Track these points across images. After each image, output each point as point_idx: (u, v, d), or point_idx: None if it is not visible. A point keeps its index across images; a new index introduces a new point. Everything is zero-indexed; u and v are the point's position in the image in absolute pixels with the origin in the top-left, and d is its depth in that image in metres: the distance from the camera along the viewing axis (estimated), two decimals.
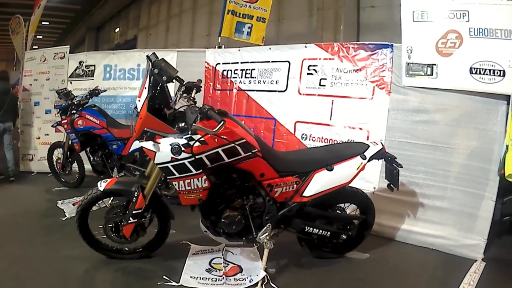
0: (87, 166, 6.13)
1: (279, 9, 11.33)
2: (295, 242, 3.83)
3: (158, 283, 3.35)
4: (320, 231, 3.57)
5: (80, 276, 3.55)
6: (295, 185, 3.41)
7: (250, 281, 3.41)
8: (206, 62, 6.21)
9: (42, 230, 4.62)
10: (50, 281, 3.44)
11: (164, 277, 3.42)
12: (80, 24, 28.78)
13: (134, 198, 3.42)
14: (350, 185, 3.54)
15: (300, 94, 5.07)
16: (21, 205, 5.61)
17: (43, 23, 23.32)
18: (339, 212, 3.76)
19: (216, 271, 3.60)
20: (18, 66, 10.35)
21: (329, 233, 3.61)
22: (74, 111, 5.75)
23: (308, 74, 4.99)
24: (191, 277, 3.47)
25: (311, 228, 3.54)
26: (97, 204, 3.75)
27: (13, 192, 6.39)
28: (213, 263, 3.73)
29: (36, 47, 9.98)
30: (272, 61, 5.38)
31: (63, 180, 6.56)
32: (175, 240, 4.05)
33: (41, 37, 29.35)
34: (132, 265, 3.71)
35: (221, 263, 3.73)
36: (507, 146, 3.42)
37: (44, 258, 3.86)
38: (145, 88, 3.23)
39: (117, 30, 24.42)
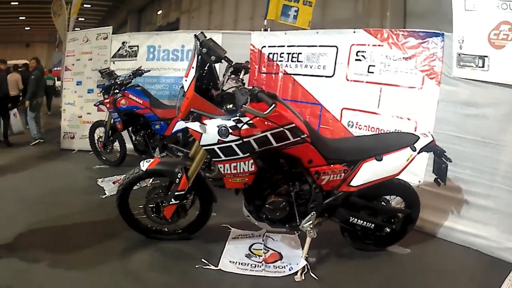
0: (129, 145, 6.19)
1: None
2: (337, 232, 3.73)
3: (196, 266, 3.33)
4: (364, 222, 3.46)
5: (118, 254, 3.57)
6: (342, 174, 3.30)
7: (289, 269, 3.35)
8: (251, 44, 6.11)
9: (82, 207, 4.69)
10: (89, 258, 3.48)
11: (203, 260, 3.40)
12: (122, 7, 29.22)
13: (177, 180, 3.40)
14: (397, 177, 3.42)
15: (347, 80, 4.92)
16: (61, 182, 5.72)
17: (85, 5, 23.78)
18: (384, 204, 3.63)
19: (256, 256, 3.56)
20: (61, 47, 10.53)
21: (373, 225, 3.50)
22: (117, 91, 5.79)
23: (356, 60, 4.84)
24: (230, 261, 3.44)
25: (356, 219, 3.44)
26: (138, 184, 3.75)
27: (54, 169, 6.52)
28: (253, 249, 3.69)
29: (78, 29, 10.12)
30: (320, 46, 5.24)
31: (104, 158, 6.64)
32: (216, 223, 4.01)
33: (83, 19, 30.05)
34: (170, 247, 3.71)
35: (261, 249, 3.68)
36: None
37: (83, 235, 3.93)
38: (193, 67, 3.17)
39: (159, 12, 24.62)
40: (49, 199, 4.93)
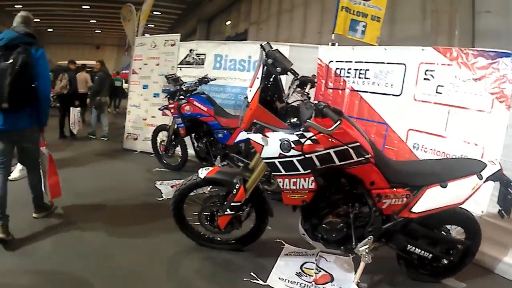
0: (190, 151, 6.32)
1: (392, 10, 10.92)
2: (392, 259, 3.55)
3: (244, 279, 3.29)
4: (422, 251, 3.28)
5: (166, 259, 3.60)
6: (405, 199, 3.15)
7: None
8: (319, 58, 6.04)
9: (137, 207, 4.82)
10: (137, 259, 3.53)
11: (252, 273, 3.35)
12: (191, 16, 30.02)
13: (235, 190, 3.38)
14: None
15: (415, 100, 4.75)
16: (120, 180, 5.93)
17: (154, 13, 24.69)
18: (445, 233, 3.43)
19: (307, 276, 3.46)
20: (130, 51, 10.96)
21: (431, 255, 3.31)
22: (182, 97, 5.90)
23: (424, 79, 4.66)
24: (279, 278, 3.37)
25: (413, 247, 3.26)
26: (195, 190, 3.74)
27: (115, 167, 6.76)
28: (304, 267, 3.59)
29: (148, 35, 10.53)
30: (387, 63, 5.10)
31: (164, 162, 6.78)
32: (270, 237, 3.94)
33: (153, 26, 31.17)
34: (221, 256, 3.69)
35: (313, 269, 3.56)
36: None
37: (134, 235, 4.00)
38: (257, 78, 3.12)
39: (228, 23, 25.07)
40: (106, 195, 5.10)
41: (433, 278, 3.54)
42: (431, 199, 3.12)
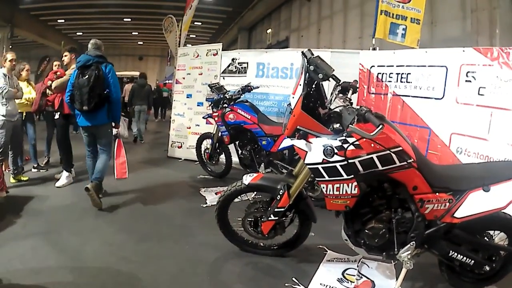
0: (234, 159, 6.38)
1: (431, 11, 10.73)
2: (434, 265, 3.49)
3: (286, 284, 3.31)
4: (464, 258, 3.19)
5: (209, 263, 3.67)
6: (447, 204, 3.08)
7: None
8: (360, 64, 6.04)
9: (181, 213, 4.94)
10: (179, 263, 3.63)
11: (293, 279, 3.37)
12: (232, 25, 30.26)
13: (279, 196, 3.42)
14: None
15: (457, 103, 4.67)
16: (165, 187, 6.09)
17: (195, 23, 25.11)
18: (487, 239, 3.33)
19: (348, 282, 3.45)
20: (173, 61, 11.24)
21: (473, 261, 3.21)
22: (226, 105, 6.01)
23: (466, 81, 4.59)
24: (320, 283, 3.37)
25: (456, 253, 3.18)
26: (239, 197, 3.80)
27: (161, 175, 6.93)
28: (346, 274, 3.57)
29: (190, 45, 10.77)
30: (429, 66, 5.05)
31: (209, 169, 6.91)
32: (312, 243, 3.96)
33: (194, 36, 31.63)
34: (263, 261, 3.73)
35: (355, 275, 3.55)
36: None
37: (178, 240, 4.11)
38: (300, 85, 3.17)
39: (269, 31, 25.12)
40: (151, 200, 5.27)
41: (474, 285, 3.44)
42: (474, 204, 3.04)
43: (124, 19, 29.35)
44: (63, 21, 29.00)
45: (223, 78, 7.53)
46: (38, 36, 29.19)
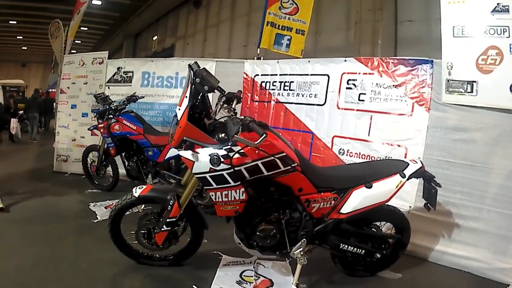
0: (121, 171, 6.22)
1: (317, 21, 11.30)
2: (328, 259, 3.75)
3: None
4: (355, 249, 3.49)
5: (108, 280, 3.57)
6: (332, 201, 3.34)
7: None
8: (244, 73, 6.15)
9: (73, 231, 4.69)
10: (77, 284, 3.46)
11: (194, 286, 3.40)
12: (118, 31, 29.39)
13: (169, 207, 3.42)
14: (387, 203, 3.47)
15: (338, 108, 4.98)
16: (53, 205, 5.70)
17: (82, 28, 23.97)
18: (375, 230, 3.67)
19: (247, 283, 3.55)
20: (56, 68, 10.63)
21: (363, 251, 3.53)
22: (111, 116, 5.83)
23: (347, 88, 4.90)
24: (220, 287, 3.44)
25: (346, 246, 3.46)
26: (130, 210, 3.75)
27: (46, 191, 6.46)
28: (244, 275, 3.68)
29: (75, 51, 10.30)
30: (311, 74, 5.31)
31: (96, 183, 6.63)
32: (207, 250, 4.01)
33: (79, 42, 30.22)
34: (161, 273, 3.70)
35: (252, 276, 3.67)
36: None
37: (73, 260, 3.89)
38: (186, 97, 3.22)
39: (155, 38, 24.81)
40: (38, 220, 4.93)
41: (368, 272, 3.77)
42: (358, 200, 3.33)
43: (10, 22, 27.17)
44: None
45: (108, 87, 7.26)
46: None
